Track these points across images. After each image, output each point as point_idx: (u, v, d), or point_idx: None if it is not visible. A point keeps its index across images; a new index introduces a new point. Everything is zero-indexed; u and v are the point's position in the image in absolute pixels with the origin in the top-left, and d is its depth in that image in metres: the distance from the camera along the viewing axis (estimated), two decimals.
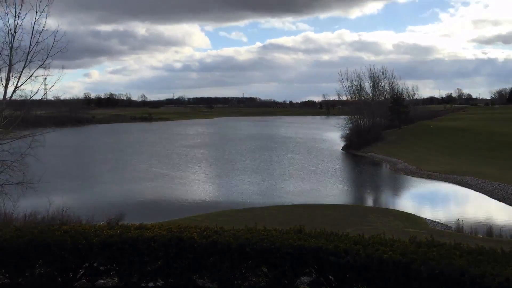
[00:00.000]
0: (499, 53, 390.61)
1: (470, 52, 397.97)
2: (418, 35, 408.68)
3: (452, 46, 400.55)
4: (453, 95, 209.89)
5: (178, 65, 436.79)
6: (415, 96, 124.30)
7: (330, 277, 8.89)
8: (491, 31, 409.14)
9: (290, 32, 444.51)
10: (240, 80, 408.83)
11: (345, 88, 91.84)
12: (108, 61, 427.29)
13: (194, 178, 46.00)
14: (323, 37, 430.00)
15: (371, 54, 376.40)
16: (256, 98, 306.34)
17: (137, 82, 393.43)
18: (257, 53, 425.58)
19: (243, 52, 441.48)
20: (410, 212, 29.58)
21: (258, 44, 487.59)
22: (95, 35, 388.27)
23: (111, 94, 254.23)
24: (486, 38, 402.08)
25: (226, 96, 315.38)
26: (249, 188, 40.62)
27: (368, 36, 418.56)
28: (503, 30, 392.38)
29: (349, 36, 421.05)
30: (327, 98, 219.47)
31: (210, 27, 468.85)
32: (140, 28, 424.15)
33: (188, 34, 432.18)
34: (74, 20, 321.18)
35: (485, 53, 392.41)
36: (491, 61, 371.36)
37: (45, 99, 19.82)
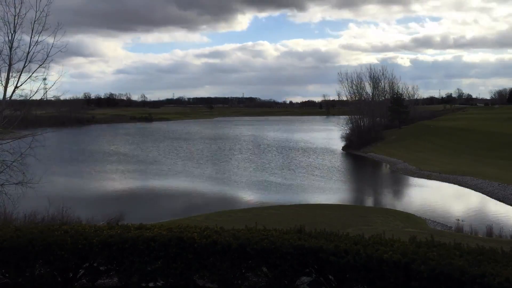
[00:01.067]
0: None
1: None
2: None
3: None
4: (453, 95, 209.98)
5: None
6: (415, 96, 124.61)
7: (330, 277, 8.88)
8: None
9: None
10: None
11: (345, 88, 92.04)
12: None
13: (195, 178, 46.00)
14: None
15: None
16: (256, 98, 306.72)
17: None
18: None
19: None
20: (410, 212, 29.59)
21: None
22: None
23: (111, 94, 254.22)
24: None
25: (226, 96, 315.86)
26: (249, 188, 40.63)
27: None
28: None
29: None
30: (327, 98, 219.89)
31: None
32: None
33: None
34: None
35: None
36: None
37: (45, 99, 19.78)
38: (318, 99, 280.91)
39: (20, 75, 16.16)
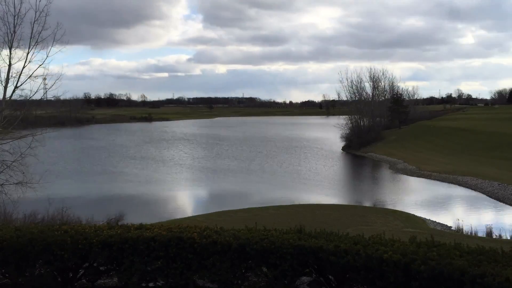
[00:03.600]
0: None
1: None
2: None
3: None
4: (453, 95, 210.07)
5: None
6: (415, 96, 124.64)
7: (330, 277, 8.89)
8: None
9: None
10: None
11: (345, 88, 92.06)
12: None
13: (195, 178, 46.02)
14: None
15: None
16: (256, 98, 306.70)
17: None
18: None
19: None
20: (410, 212, 29.57)
21: None
22: None
23: (111, 94, 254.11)
24: None
25: (226, 96, 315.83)
26: (249, 188, 40.64)
27: None
28: None
29: None
30: (327, 98, 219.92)
31: None
32: None
33: None
34: None
35: None
36: None
37: (45, 99, 19.80)
38: (318, 99, 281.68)
39: (20, 75, 16.18)
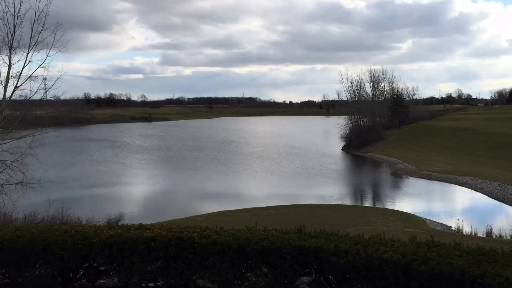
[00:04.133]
0: None
1: None
2: None
3: None
4: (453, 95, 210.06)
5: None
6: (415, 96, 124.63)
7: (330, 277, 8.88)
8: None
9: None
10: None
11: (345, 88, 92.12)
12: None
13: (195, 178, 46.01)
14: None
15: None
16: (256, 98, 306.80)
17: None
18: None
19: None
20: (410, 212, 29.58)
21: None
22: None
23: (111, 94, 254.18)
24: None
25: (226, 96, 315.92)
26: (249, 188, 40.64)
27: None
28: None
29: None
30: (327, 98, 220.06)
31: None
32: None
33: None
34: None
35: None
36: None
37: (45, 99, 19.82)
38: (318, 98, 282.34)
39: (20, 75, 16.19)
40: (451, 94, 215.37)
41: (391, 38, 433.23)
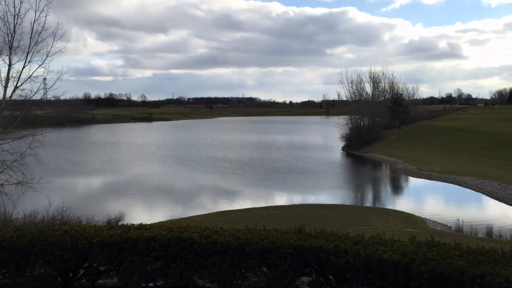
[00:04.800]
0: None
1: None
2: None
3: None
4: (453, 95, 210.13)
5: None
6: (415, 96, 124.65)
7: (330, 277, 8.88)
8: None
9: None
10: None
11: (345, 88, 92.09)
12: None
13: (195, 178, 46.01)
14: None
15: None
16: (256, 98, 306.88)
17: None
18: None
19: None
20: (410, 212, 29.55)
21: None
22: None
23: (111, 94, 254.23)
24: None
25: (226, 96, 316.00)
26: (249, 188, 40.61)
27: None
28: None
29: None
30: (327, 98, 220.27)
31: None
32: None
33: None
34: None
35: None
36: None
37: (45, 99, 19.81)
38: (318, 98, 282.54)
39: (20, 75, 16.17)
40: (451, 94, 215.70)
41: None
